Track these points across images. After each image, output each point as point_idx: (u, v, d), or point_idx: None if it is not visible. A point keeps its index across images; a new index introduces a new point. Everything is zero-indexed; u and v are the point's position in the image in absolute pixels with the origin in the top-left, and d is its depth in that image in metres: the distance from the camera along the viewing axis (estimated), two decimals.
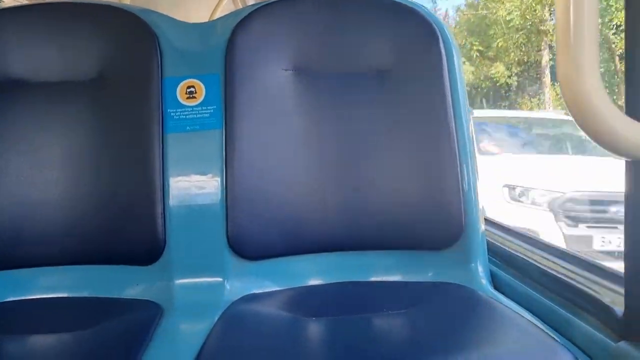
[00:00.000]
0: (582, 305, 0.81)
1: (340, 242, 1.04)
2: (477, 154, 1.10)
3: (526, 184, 3.86)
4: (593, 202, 3.63)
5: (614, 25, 12.40)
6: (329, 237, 1.03)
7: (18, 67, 1.04)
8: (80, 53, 1.05)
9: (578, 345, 0.78)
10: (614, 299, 0.76)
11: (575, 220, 3.61)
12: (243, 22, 1.07)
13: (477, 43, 16.76)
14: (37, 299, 1.00)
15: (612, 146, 0.52)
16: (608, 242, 3.49)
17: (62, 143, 1.02)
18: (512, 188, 3.89)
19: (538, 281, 0.94)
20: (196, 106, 1.04)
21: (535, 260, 0.98)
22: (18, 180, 1.00)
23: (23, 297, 1.00)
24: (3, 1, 1.37)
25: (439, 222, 1.03)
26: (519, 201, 3.86)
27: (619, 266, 0.79)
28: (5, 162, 1.01)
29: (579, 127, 0.53)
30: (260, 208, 1.01)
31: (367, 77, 1.06)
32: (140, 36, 1.05)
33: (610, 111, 0.51)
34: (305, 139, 1.04)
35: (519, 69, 16.57)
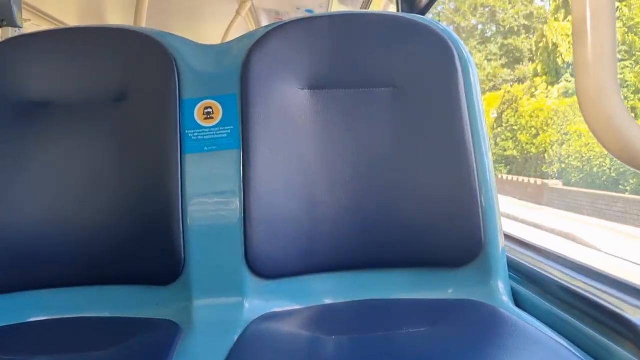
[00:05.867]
0: (608, 323, 0.79)
1: (358, 261, 1.03)
2: None
3: None
4: None
5: None
6: (347, 255, 1.03)
7: (39, 91, 1.06)
8: (99, 76, 1.07)
9: None
10: None
11: None
12: (258, 43, 1.08)
13: None
14: (57, 319, 1.01)
15: (638, 164, 0.52)
16: None
17: (82, 165, 1.04)
18: None
19: (561, 298, 0.92)
20: (214, 127, 1.05)
21: (558, 277, 0.96)
22: (42, 202, 1.02)
23: (44, 318, 1.01)
24: (22, 27, 1.41)
25: (458, 239, 1.02)
26: None
27: None
28: (29, 184, 1.02)
29: (603, 147, 0.53)
30: (278, 227, 1.02)
31: (383, 94, 1.06)
32: (158, 59, 1.07)
33: (634, 129, 0.51)
34: (321, 157, 1.04)
35: None
